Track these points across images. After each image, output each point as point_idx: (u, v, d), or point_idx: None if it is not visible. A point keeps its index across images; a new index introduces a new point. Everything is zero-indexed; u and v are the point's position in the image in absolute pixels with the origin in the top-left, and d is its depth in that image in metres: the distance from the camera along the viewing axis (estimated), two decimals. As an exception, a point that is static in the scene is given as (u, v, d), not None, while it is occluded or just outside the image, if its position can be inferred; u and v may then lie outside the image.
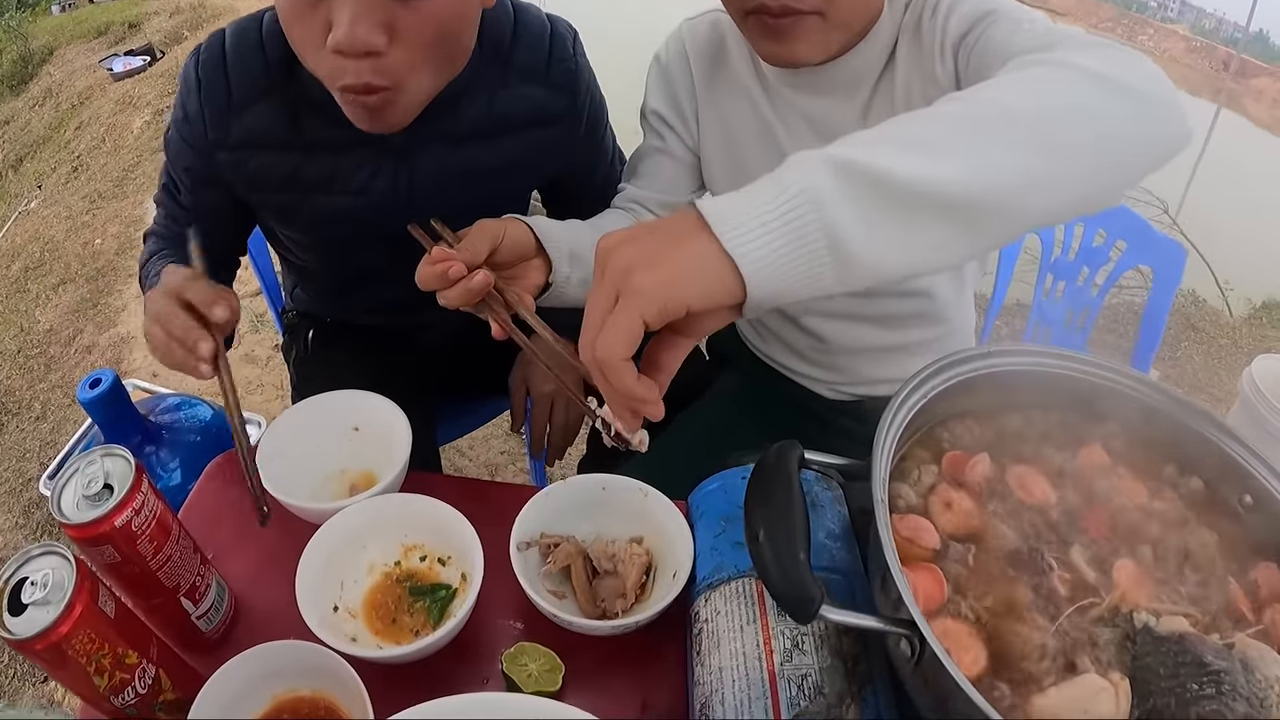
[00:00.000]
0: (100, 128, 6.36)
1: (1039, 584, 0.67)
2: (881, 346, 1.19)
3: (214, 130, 1.00)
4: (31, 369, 2.98)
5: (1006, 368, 0.81)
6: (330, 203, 1.05)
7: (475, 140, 1.05)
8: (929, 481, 0.74)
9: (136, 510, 0.68)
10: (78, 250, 3.88)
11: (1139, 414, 0.82)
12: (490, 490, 0.99)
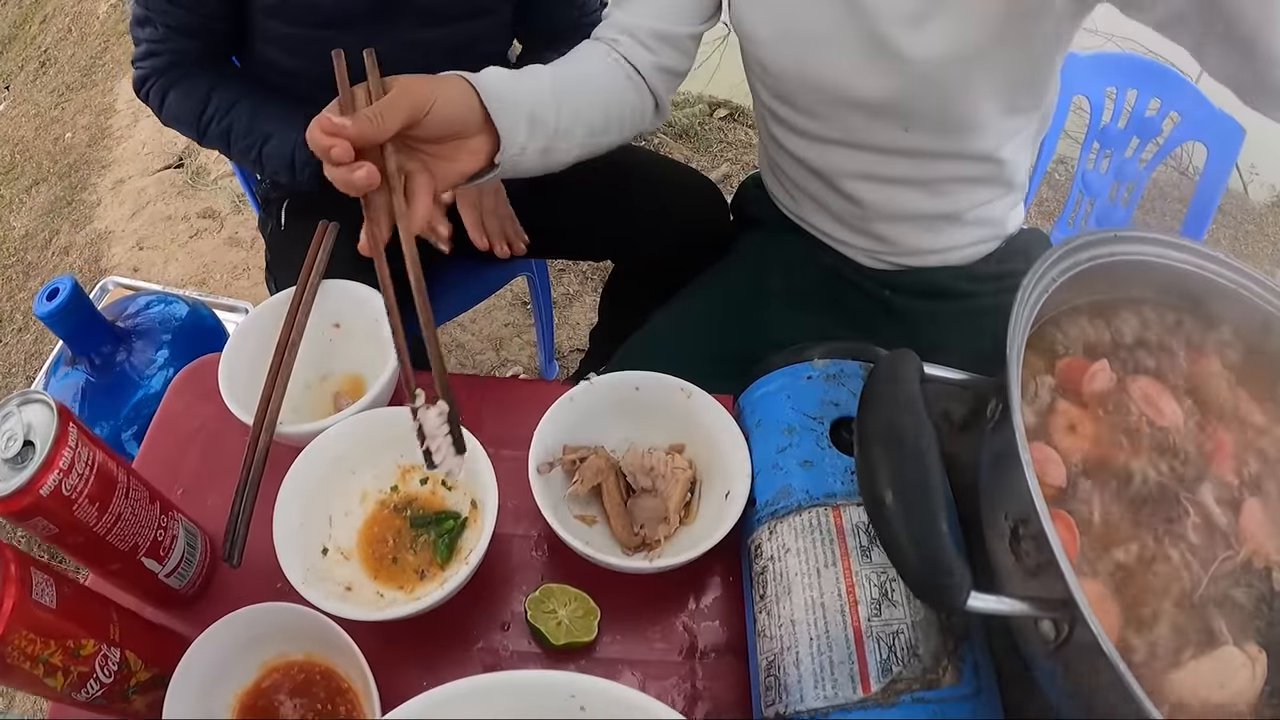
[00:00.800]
0: (65, 18, 6.07)
1: (1173, 531, 0.54)
2: (928, 214, 1.01)
3: None
4: (10, 278, 2.87)
5: (1128, 256, 0.66)
6: None
7: None
8: (1046, 398, 0.59)
9: (65, 470, 0.54)
10: (48, 148, 3.71)
11: (1258, 324, 0.68)
12: (501, 388, 0.83)
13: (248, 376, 0.73)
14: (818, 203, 1.07)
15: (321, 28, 1.04)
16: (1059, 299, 0.64)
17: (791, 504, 0.61)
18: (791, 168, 1.06)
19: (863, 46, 0.86)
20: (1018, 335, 0.52)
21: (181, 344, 1.37)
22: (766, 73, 0.95)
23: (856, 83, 0.89)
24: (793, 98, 0.96)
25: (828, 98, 0.93)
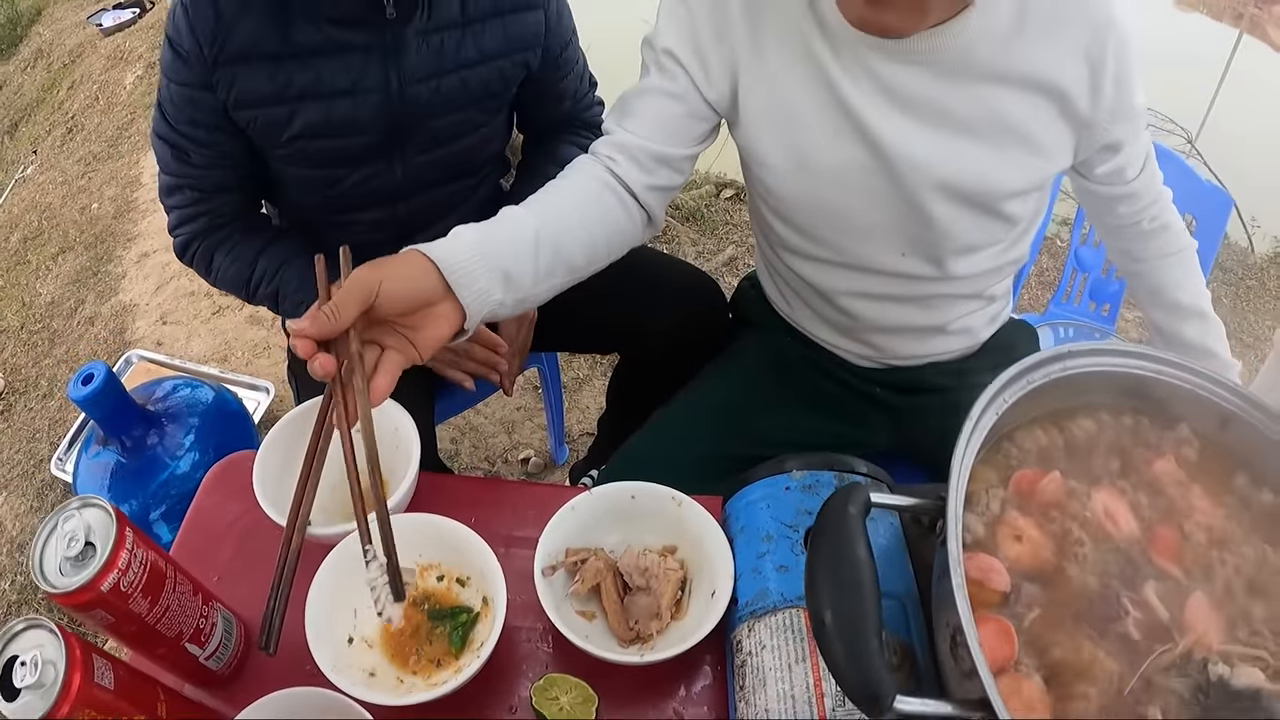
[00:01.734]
0: (93, 86, 6.25)
1: (1113, 629, 0.61)
2: (916, 326, 1.11)
3: (208, 48, 1.01)
4: (35, 345, 2.95)
5: (1080, 370, 0.74)
6: (321, 109, 1.07)
7: (453, 31, 1.11)
8: (996, 509, 0.67)
9: (123, 569, 0.62)
10: (75, 216, 3.82)
11: (1214, 420, 0.76)
12: (512, 491, 0.91)
13: (277, 480, 0.82)
14: (813, 311, 1.16)
15: (334, 167, 1.14)
16: (1014, 415, 0.71)
17: (768, 604, 0.69)
18: (789, 279, 1.15)
19: (878, 190, 0.95)
20: (961, 469, 0.60)
21: (207, 427, 1.45)
22: (771, 194, 1.02)
23: (864, 218, 0.98)
24: (796, 220, 1.04)
25: (833, 225, 1.01)
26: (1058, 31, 0.88)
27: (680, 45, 0.96)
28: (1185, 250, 1.13)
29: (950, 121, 0.91)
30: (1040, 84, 0.90)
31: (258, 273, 1.16)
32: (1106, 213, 1.10)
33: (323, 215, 1.23)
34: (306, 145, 1.09)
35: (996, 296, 1.13)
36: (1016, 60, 0.89)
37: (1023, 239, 1.07)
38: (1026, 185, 0.96)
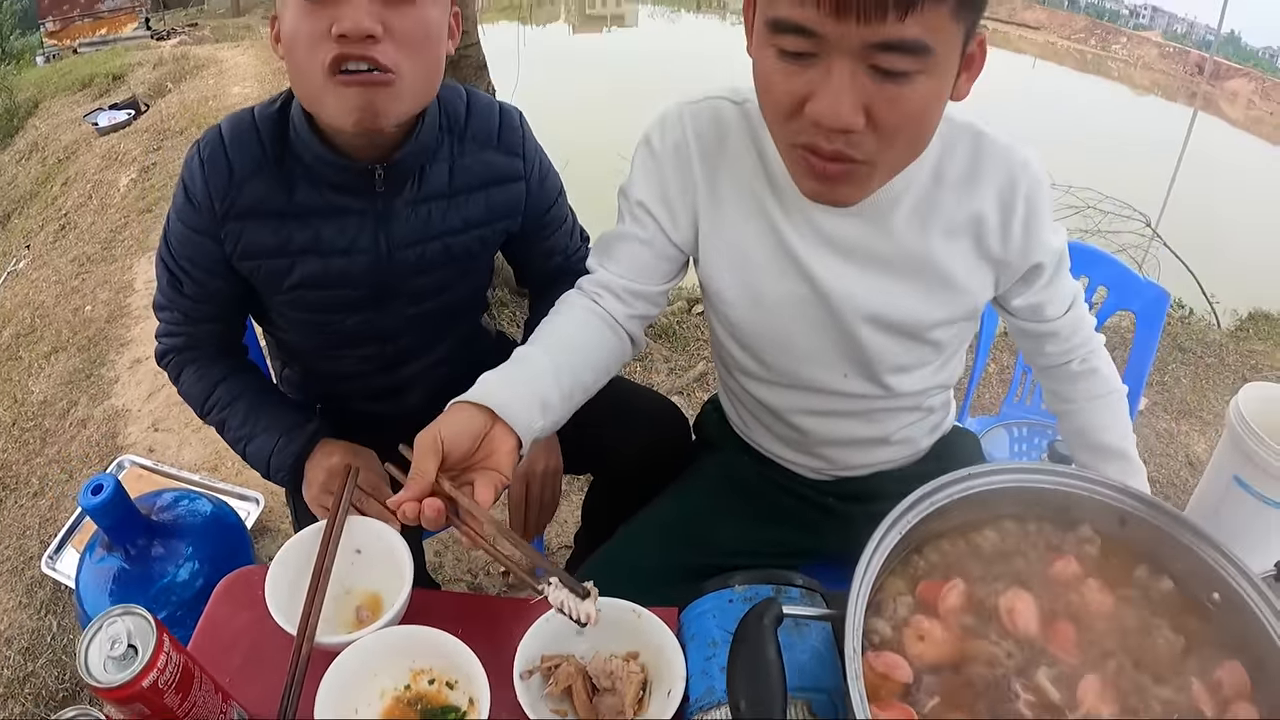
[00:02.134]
0: (87, 184, 6.40)
1: (1007, 710, 0.72)
2: (862, 438, 1.25)
3: (220, 203, 1.14)
4: (27, 442, 3.01)
5: (983, 488, 0.87)
6: (319, 264, 1.19)
7: (440, 201, 1.23)
8: (904, 614, 0.79)
9: (161, 669, 0.73)
10: (68, 317, 3.91)
11: (1113, 520, 0.88)
12: (490, 605, 1.04)
13: (288, 594, 0.93)
14: (768, 429, 1.29)
15: (329, 313, 1.26)
16: (922, 532, 0.83)
17: (714, 700, 0.81)
18: (746, 400, 1.28)
19: (819, 321, 1.11)
20: (861, 587, 0.72)
21: (207, 538, 1.55)
22: (729, 324, 1.17)
23: (807, 344, 1.13)
24: (751, 347, 1.18)
25: (782, 351, 1.16)
26: (974, 180, 1.03)
27: (650, 197, 1.12)
28: (1114, 394, 1.22)
29: (880, 263, 1.06)
30: (959, 228, 1.05)
31: (214, 397, 1.28)
32: (1036, 352, 1.22)
33: (317, 349, 1.35)
34: (305, 294, 1.22)
35: (935, 408, 1.27)
36: (938, 208, 1.04)
37: (954, 359, 1.22)
38: (950, 317, 1.11)
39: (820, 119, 0.83)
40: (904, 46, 0.79)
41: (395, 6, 1.01)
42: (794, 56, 0.83)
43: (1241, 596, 0.80)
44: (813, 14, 0.79)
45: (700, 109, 1.10)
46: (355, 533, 1.02)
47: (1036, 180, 1.04)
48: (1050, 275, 1.12)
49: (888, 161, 0.90)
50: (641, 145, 1.14)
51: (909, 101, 0.83)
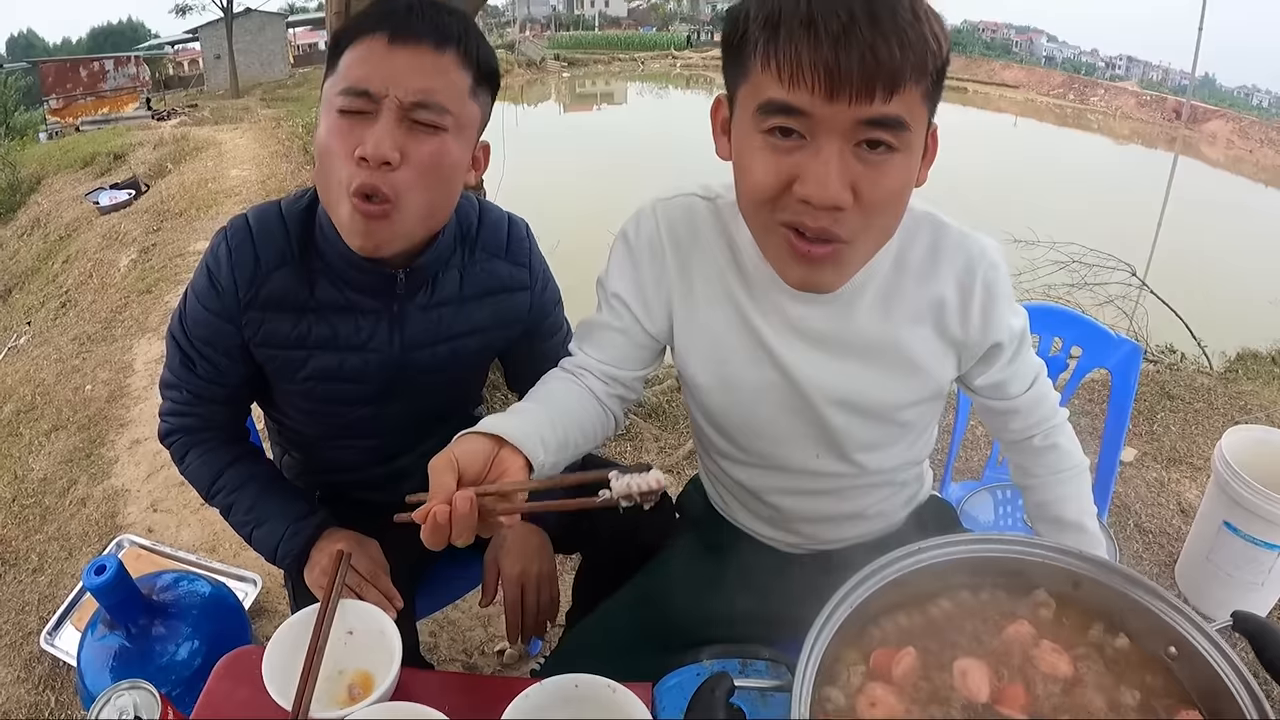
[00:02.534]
0: (88, 262, 6.53)
1: None
2: (835, 515, 1.30)
3: (244, 291, 1.20)
4: (27, 519, 3.05)
5: (935, 560, 0.92)
6: (334, 358, 1.26)
7: (450, 306, 1.30)
8: (857, 683, 0.84)
9: None
10: (69, 396, 3.97)
11: (1067, 582, 0.92)
12: (475, 684, 1.10)
13: (284, 672, 0.98)
14: (746, 507, 1.35)
15: (335, 404, 1.33)
16: (877, 604, 0.88)
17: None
18: (725, 480, 1.35)
19: (790, 405, 1.18)
20: (810, 659, 0.78)
21: (206, 619, 1.59)
22: (704, 408, 1.24)
23: (779, 427, 1.20)
24: (726, 430, 1.25)
25: (756, 433, 1.22)
26: (935, 267, 1.10)
27: (626, 290, 1.18)
28: (1075, 469, 1.26)
29: (846, 349, 1.13)
30: (921, 313, 1.12)
31: (220, 482, 1.33)
32: (1001, 428, 1.27)
33: (320, 437, 1.42)
34: (317, 385, 1.28)
35: (909, 482, 1.33)
36: (900, 295, 1.11)
37: (923, 436, 1.28)
38: (916, 399, 1.18)
39: (810, 197, 0.90)
40: (887, 123, 0.88)
41: (417, 135, 1.09)
42: (782, 137, 0.91)
43: (1197, 648, 0.83)
44: (805, 97, 0.87)
45: (673, 205, 1.17)
46: (348, 615, 1.07)
47: (993, 265, 1.11)
48: (1011, 355, 1.18)
49: (866, 242, 0.97)
50: (618, 239, 1.20)
51: (890, 179, 0.91)
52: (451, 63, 1.11)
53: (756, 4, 0.92)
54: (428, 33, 1.09)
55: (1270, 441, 2.40)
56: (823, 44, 0.85)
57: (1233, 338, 5.41)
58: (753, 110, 0.92)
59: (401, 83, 1.07)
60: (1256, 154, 26.51)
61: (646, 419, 3.26)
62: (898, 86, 0.86)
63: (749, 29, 0.91)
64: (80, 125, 17.82)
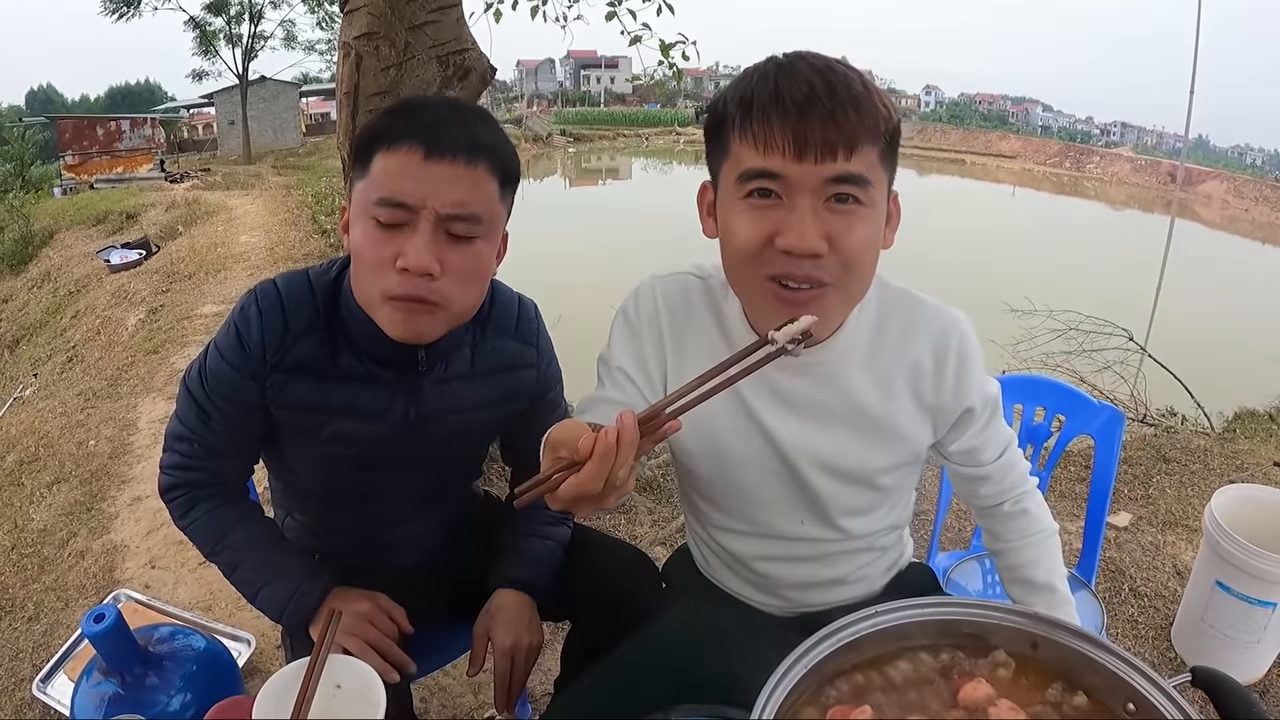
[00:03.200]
0: (96, 319, 6.62)
1: None
2: (819, 580, 1.35)
3: (272, 354, 1.25)
4: (25, 568, 3.07)
5: (891, 623, 0.96)
6: (351, 425, 1.31)
7: (462, 381, 1.37)
8: None
9: None
10: (72, 450, 4.01)
11: (1024, 643, 0.96)
12: None
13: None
14: (732, 572, 1.41)
15: (347, 469, 1.38)
16: (835, 664, 0.92)
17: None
18: (713, 547, 1.41)
19: (776, 471, 1.24)
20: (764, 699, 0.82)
21: (200, 673, 1.60)
22: (694, 476, 1.31)
23: (766, 493, 1.27)
24: (714, 498, 1.32)
25: (743, 500, 1.29)
26: (910, 337, 1.19)
27: (629, 363, 1.26)
28: (1045, 533, 1.31)
29: (827, 417, 1.21)
30: (898, 380, 1.20)
31: (227, 540, 1.37)
32: (972, 494, 1.33)
33: (326, 499, 1.48)
34: (332, 449, 1.34)
35: (889, 548, 1.38)
36: (878, 364, 1.19)
37: (901, 501, 1.34)
38: (894, 463, 1.24)
39: (791, 247, 1.02)
40: (850, 179, 1.01)
41: (454, 245, 1.17)
42: (761, 198, 1.04)
43: (1155, 704, 0.87)
44: (778, 160, 1.01)
45: (670, 283, 1.28)
46: (337, 670, 1.12)
47: (965, 335, 1.20)
48: (984, 422, 1.25)
49: (843, 290, 1.08)
50: (619, 316, 1.29)
51: (859, 229, 1.04)
52: (483, 174, 1.18)
53: (731, 91, 1.06)
54: (462, 148, 1.15)
55: (1260, 499, 2.43)
56: (790, 114, 0.99)
57: (1233, 397, 5.47)
58: (734, 181, 1.05)
59: (439, 196, 1.14)
60: (1252, 212, 26.79)
61: (641, 493, 3.32)
62: (856, 146, 1.00)
63: (727, 111, 1.05)
64: (94, 183, 18.13)
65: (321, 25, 26.67)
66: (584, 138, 48.18)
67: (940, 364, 1.19)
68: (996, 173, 36.94)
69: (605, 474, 0.84)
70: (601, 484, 0.84)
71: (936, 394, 1.21)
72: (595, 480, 0.84)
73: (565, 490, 0.86)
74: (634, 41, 3.71)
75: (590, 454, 0.84)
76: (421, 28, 2.70)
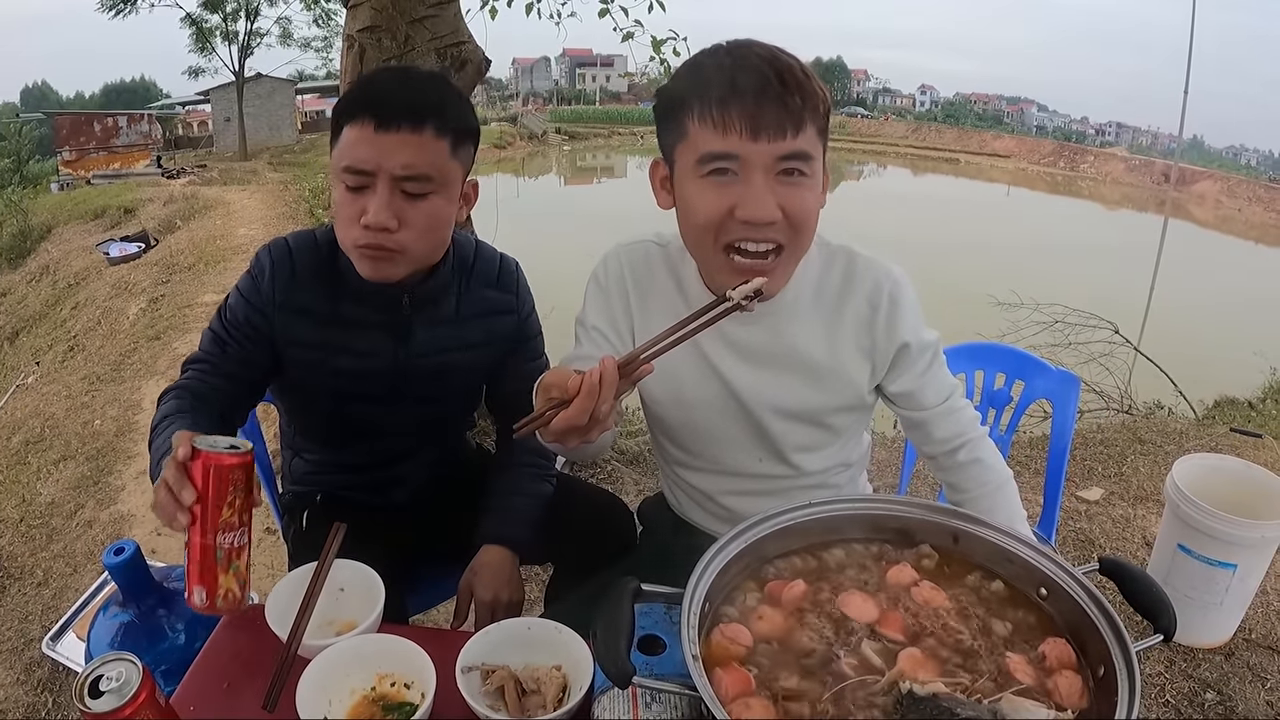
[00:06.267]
0: (96, 310, 6.72)
1: (829, 669, 0.92)
2: None
3: (280, 294, 1.45)
4: (34, 538, 3.20)
5: (826, 513, 1.11)
6: (349, 361, 1.49)
7: (448, 325, 1.55)
8: (751, 604, 1.01)
9: (143, 705, 0.92)
10: (78, 429, 4.13)
11: (947, 537, 1.10)
12: (445, 635, 1.27)
13: (282, 614, 1.16)
14: (702, 508, 1.55)
15: (348, 401, 1.55)
16: (775, 546, 1.07)
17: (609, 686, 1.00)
18: (682, 485, 1.55)
19: (733, 413, 1.39)
20: (702, 575, 0.96)
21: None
22: (661, 422, 1.46)
23: (725, 433, 1.41)
24: (680, 440, 1.47)
25: (705, 440, 1.44)
26: (849, 287, 1.34)
27: (602, 322, 1.42)
28: (1000, 481, 1.40)
29: (776, 362, 1.35)
30: (838, 327, 1.34)
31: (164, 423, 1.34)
32: (924, 441, 1.44)
33: (329, 437, 1.64)
34: (331, 383, 1.51)
35: (842, 485, 1.52)
36: (820, 314, 1.34)
37: (852, 440, 1.48)
38: (840, 405, 1.38)
39: (751, 218, 1.15)
40: (798, 155, 1.15)
41: (410, 201, 1.34)
42: (719, 177, 1.17)
43: (1065, 589, 0.99)
44: (735, 140, 1.14)
45: (633, 250, 1.43)
46: (341, 573, 1.26)
47: (897, 283, 1.34)
48: (923, 366, 1.38)
49: (794, 248, 1.22)
50: (591, 281, 1.45)
51: (805, 197, 1.18)
52: (429, 136, 1.34)
53: (688, 79, 1.20)
54: (405, 117, 1.31)
55: (1221, 467, 2.54)
56: (747, 101, 1.13)
57: (1219, 391, 5.57)
58: (693, 162, 1.19)
59: (390, 160, 1.32)
60: (1245, 212, 26.90)
61: (627, 466, 3.49)
62: (801, 127, 1.14)
63: (685, 98, 1.18)
64: (92, 178, 18.19)
65: (318, 22, 26.75)
66: (579, 136, 48.28)
67: (874, 309, 1.33)
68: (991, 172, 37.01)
69: (590, 409, 1.00)
70: (587, 418, 1.01)
71: (871, 336, 1.34)
72: (581, 415, 1.00)
73: (556, 424, 1.02)
74: (626, 38, 3.84)
75: (578, 392, 1.00)
76: (421, 21, 2.85)
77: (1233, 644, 2.47)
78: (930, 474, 3.34)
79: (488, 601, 1.52)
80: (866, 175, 37.63)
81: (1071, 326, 6.55)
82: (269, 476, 1.90)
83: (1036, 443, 3.76)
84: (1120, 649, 0.90)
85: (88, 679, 0.93)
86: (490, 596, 1.53)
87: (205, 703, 1.12)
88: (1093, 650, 0.94)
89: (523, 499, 1.63)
